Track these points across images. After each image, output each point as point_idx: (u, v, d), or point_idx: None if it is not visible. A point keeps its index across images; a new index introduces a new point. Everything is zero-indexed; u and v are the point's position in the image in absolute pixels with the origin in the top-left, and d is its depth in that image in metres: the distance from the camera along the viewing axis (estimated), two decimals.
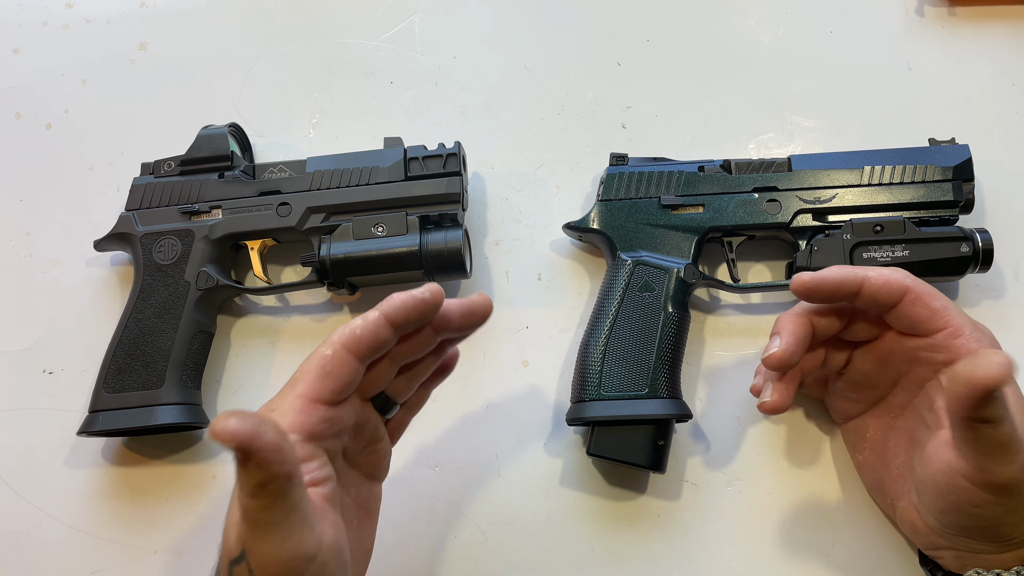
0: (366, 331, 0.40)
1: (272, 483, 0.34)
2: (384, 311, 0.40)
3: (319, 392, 0.39)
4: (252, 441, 0.32)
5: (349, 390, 0.41)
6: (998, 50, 0.65)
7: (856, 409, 0.51)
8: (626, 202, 0.58)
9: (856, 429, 0.52)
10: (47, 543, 0.57)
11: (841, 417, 0.53)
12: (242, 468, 0.33)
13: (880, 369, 0.48)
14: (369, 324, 0.40)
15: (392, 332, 0.41)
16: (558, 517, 0.55)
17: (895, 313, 0.45)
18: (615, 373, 0.53)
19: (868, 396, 0.50)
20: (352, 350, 0.40)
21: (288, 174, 0.60)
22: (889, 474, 0.49)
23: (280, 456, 0.33)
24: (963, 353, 0.44)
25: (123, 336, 0.56)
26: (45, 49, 0.70)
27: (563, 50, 0.68)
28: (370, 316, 0.40)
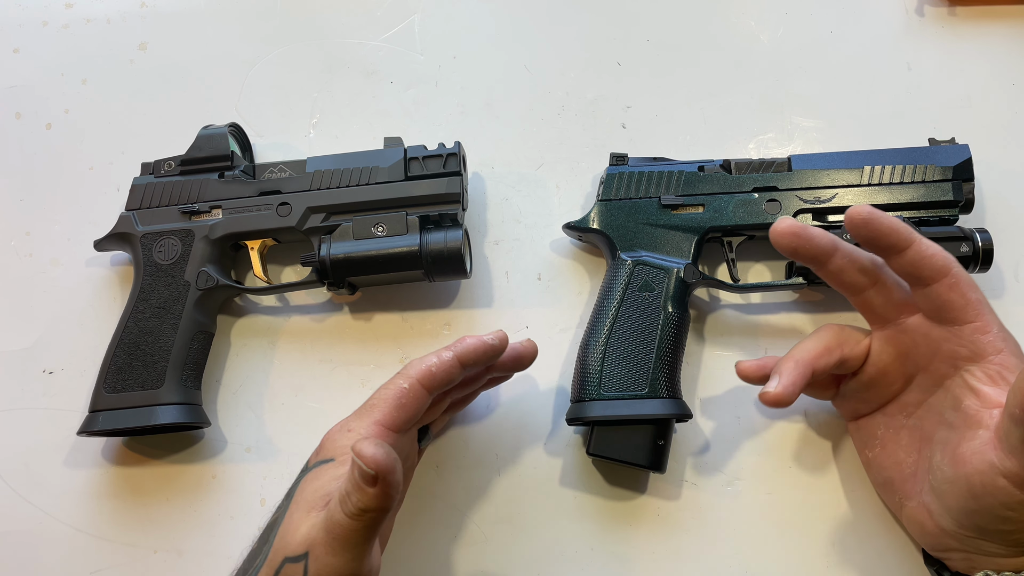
0: (441, 369, 0.44)
1: (377, 513, 0.37)
2: (458, 353, 0.45)
3: (394, 421, 0.43)
4: (389, 475, 0.36)
5: (416, 419, 0.45)
6: (998, 50, 0.65)
7: (867, 408, 0.50)
8: (626, 202, 0.58)
9: (866, 426, 0.51)
10: (47, 543, 0.57)
11: (851, 415, 0.52)
12: (360, 490, 0.36)
13: (898, 363, 0.47)
14: (444, 363, 0.44)
15: (461, 371, 0.45)
16: (558, 517, 0.55)
17: (929, 292, 0.44)
18: (615, 373, 0.53)
19: (881, 394, 0.49)
20: (426, 385, 0.44)
21: (288, 174, 0.60)
22: (899, 473, 0.48)
23: (396, 492, 0.37)
24: (988, 351, 0.43)
25: (123, 336, 0.56)
26: (45, 49, 0.70)
27: (563, 50, 0.68)
28: (445, 356, 0.45)
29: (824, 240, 0.45)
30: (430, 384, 0.44)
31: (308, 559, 0.38)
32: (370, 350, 0.60)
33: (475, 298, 0.61)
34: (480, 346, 0.45)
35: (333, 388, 0.59)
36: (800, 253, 0.45)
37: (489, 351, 0.45)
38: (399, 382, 0.44)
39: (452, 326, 0.60)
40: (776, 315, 0.59)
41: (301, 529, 0.39)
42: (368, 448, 0.36)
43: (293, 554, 0.39)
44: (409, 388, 0.44)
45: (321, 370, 0.60)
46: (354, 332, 0.61)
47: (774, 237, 0.44)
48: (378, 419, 0.43)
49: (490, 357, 0.46)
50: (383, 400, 0.44)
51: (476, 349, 0.45)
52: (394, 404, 0.43)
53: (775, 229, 0.44)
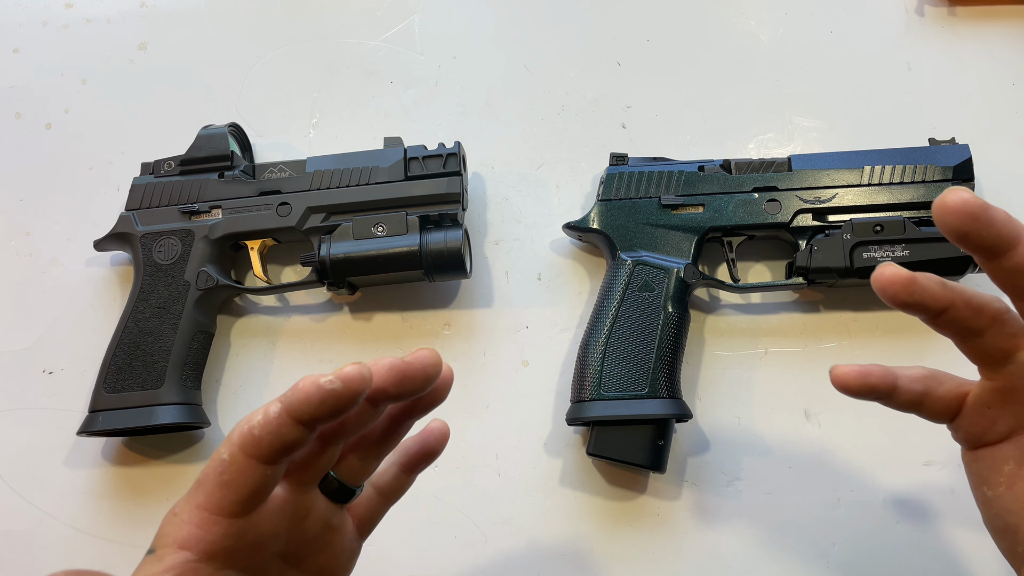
0: (266, 431, 0.32)
1: None
2: (287, 406, 0.31)
3: (218, 504, 0.32)
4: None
5: (260, 498, 0.33)
6: (998, 50, 0.65)
7: (995, 434, 0.38)
8: (626, 202, 0.58)
9: (991, 459, 0.39)
10: (47, 543, 0.57)
11: (972, 441, 0.39)
12: None
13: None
14: (270, 423, 0.31)
15: (301, 431, 0.32)
16: (558, 517, 0.55)
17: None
18: (615, 373, 0.53)
19: (1016, 418, 0.37)
20: (252, 455, 0.32)
21: (288, 174, 0.60)
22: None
23: None
24: None
25: (123, 336, 0.56)
26: (45, 49, 0.70)
27: (563, 50, 0.68)
28: (271, 412, 0.32)
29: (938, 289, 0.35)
30: (257, 452, 0.32)
31: None
32: (370, 350, 0.60)
33: (475, 298, 0.61)
34: (315, 394, 0.31)
35: None
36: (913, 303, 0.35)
37: (328, 398, 0.31)
38: (220, 452, 0.33)
39: (452, 326, 0.60)
40: (776, 315, 0.59)
41: None
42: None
43: None
44: (230, 460, 0.32)
45: (321, 370, 0.60)
46: (354, 332, 0.61)
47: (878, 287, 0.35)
48: (200, 502, 0.33)
49: (333, 407, 0.31)
50: (207, 477, 0.33)
51: (309, 398, 0.31)
52: (216, 482, 0.32)
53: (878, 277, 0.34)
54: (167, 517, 0.33)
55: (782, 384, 0.57)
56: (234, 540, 0.33)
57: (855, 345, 0.58)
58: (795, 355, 0.58)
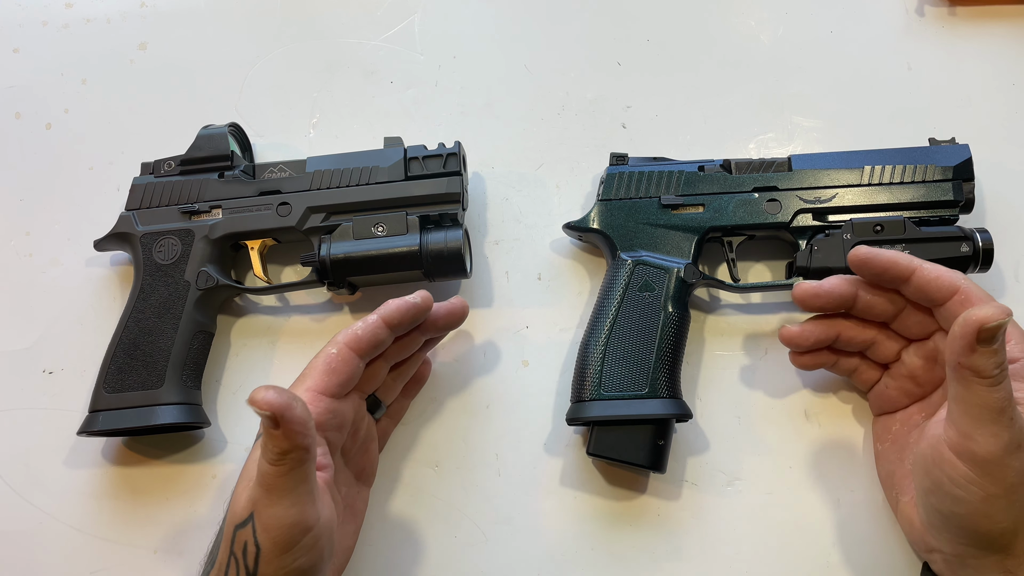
0: (367, 331, 0.46)
1: (293, 452, 0.38)
2: (382, 315, 0.47)
3: (326, 385, 0.45)
4: (285, 412, 0.37)
5: (351, 384, 0.46)
6: (998, 50, 0.65)
7: (894, 404, 0.52)
8: (626, 202, 0.58)
9: (886, 422, 0.52)
10: (47, 543, 0.57)
11: (878, 409, 0.53)
12: (269, 435, 0.38)
13: (927, 369, 0.49)
14: (370, 326, 0.46)
15: (389, 333, 0.47)
16: (558, 517, 0.55)
17: (943, 311, 0.46)
18: (615, 373, 0.53)
19: (910, 394, 0.50)
20: (355, 349, 0.46)
21: (288, 174, 0.60)
22: (902, 468, 0.49)
23: (304, 429, 0.38)
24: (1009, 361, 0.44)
25: (123, 336, 0.56)
26: (45, 49, 0.70)
27: (563, 50, 0.68)
28: (370, 319, 0.47)
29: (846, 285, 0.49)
30: (358, 347, 0.46)
31: (253, 520, 0.40)
32: None
33: (475, 298, 0.61)
34: (403, 306, 0.47)
35: None
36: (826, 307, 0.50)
37: (413, 310, 0.47)
38: (328, 349, 0.46)
39: None
40: (776, 315, 0.59)
41: (243, 497, 0.41)
42: (259, 394, 0.37)
43: (240, 520, 0.40)
44: (338, 353, 0.46)
45: None
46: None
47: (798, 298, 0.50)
48: (310, 386, 0.45)
49: (415, 317, 0.48)
50: (314, 368, 0.46)
51: (399, 309, 0.47)
52: (324, 369, 0.45)
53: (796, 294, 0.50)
54: (294, 393, 0.41)
55: (782, 384, 0.57)
56: (330, 416, 0.45)
57: None
58: None
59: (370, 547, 0.55)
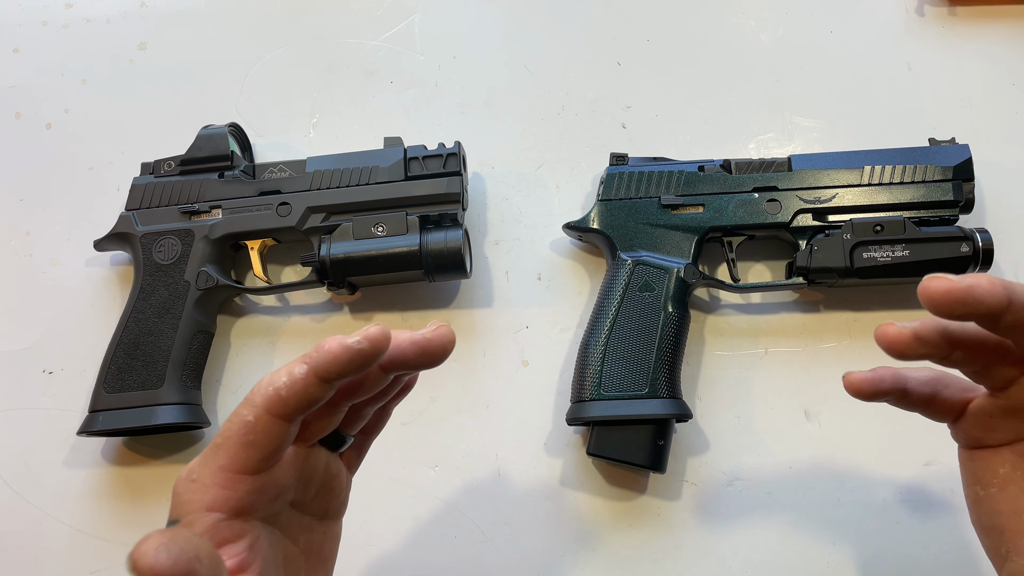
0: (293, 391, 0.33)
1: None
2: (313, 366, 0.33)
3: (243, 463, 0.34)
4: None
5: (279, 454, 0.35)
6: (998, 50, 0.65)
7: (996, 438, 0.40)
8: (626, 202, 0.58)
9: (988, 460, 0.41)
10: (47, 543, 0.57)
11: (971, 442, 0.41)
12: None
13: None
14: (296, 383, 0.33)
15: (325, 387, 0.34)
16: (558, 517, 0.55)
17: None
18: (615, 373, 0.53)
19: (1019, 427, 0.39)
20: (278, 414, 0.34)
21: (288, 174, 0.60)
22: (1016, 523, 0.39)
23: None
24: None
25: (123, 336, 0.56)
26: (45, 49, 0.70)
27: (563, 50, 0.68)
28: (296, 372, 0.33)
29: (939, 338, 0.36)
30: (283, 411, 0.33)
31: None
32: None
33: (475, 298, 0.61)
34: (343, 353, 0.33)
35: None
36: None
37: (356, 358, 0.33)
38: (243, 414, 0.34)
39: (452, 326, 0.60)
40: (776, 315, 0.59)
41: None
42: (142, 556, 0.28)
43: None
44: (255, 420, 0.34)
45: None
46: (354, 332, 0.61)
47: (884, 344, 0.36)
48: (223, 464, 0.34)
49: (359, 365, 0.34)
50: (227, 439, 0.34)
51: (337, 357, 0.33)
52: (239, 442, 0.34)
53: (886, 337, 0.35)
54: (183, 485, 0.34)
55: (782, 384, 0.57)
56: (257, 495, 0.35)
57: (855, 345, 0.58)
58: (795, 355, 0.58)
59: (370, 547, 0.55)
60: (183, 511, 0.34)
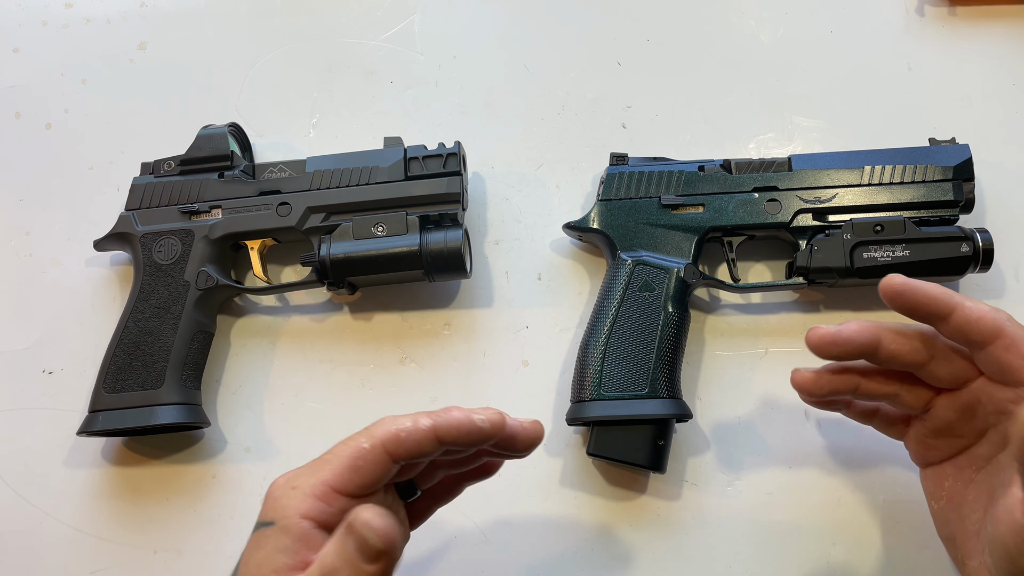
0: (411, 439, 0.37)
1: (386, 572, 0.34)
2: (437, 426, 0.37)
3: (345, 484, 0.37)
4: (393, 551, 0.33)
5: (377, 487, 0.38)
6: (998, 50, 0.65)
7: (936, 456, 0.46)
8: (626, 202, 0.58)
9: (935, 476, 0.46)
10: (47, 543, 0.57)
11: (921, 461, 0.47)
12: (354, 567, 0.33)
13: (965, 419, 0.43)
14: (416, 434, 0.37)
15: (437, 446, 0.38)
16: (558, 517, 0.55)
17: (985, 355, 0.41)
18: (615, 373, 0.53)
19: (951, 445, 0.45)
20: (390, 451, 0.37)
21: (288, 174, 0.60)
22: (963, 529, 0.43)
23: (393, 571, 0.34)
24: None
25: (123, 336, 0.56)
26: (45, 49, 0.70)
27: (563, 50, 0.68)
28: (422, 424, 0.37)
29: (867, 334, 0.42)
30: (395, 451, 0.37)
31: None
32: (370, 350, 0.60)
33: (475, 298, 0.61)
34: (466, 425, 0.37)
35: (333, 388, 0.59)
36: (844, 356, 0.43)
37: (475, 434, 0.37)
38: (360, 440, 0.38)
39: (452, 326, 0.60)
40: (776, 315, 0.59)
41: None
42: (377, 519, 0.32)
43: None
44: (370, 449, 0.37)
45: (321, 370, 0.60)
46: (354, 332, 0.61)
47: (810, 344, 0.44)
48: (327, 479, 0.37)
49: (475, 441, 0.38)
50: (337, 457, 0.37)
51: (460, 427, 0.37)
52: (348, 465, 0.37)
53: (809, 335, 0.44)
54: (282, 490, 0.37)
55: (782, 384, 0.57)
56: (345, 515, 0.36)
57: None
58: (795, 355, 0.58)
59: None
60: (280, 515, 0.36)
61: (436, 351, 0.60)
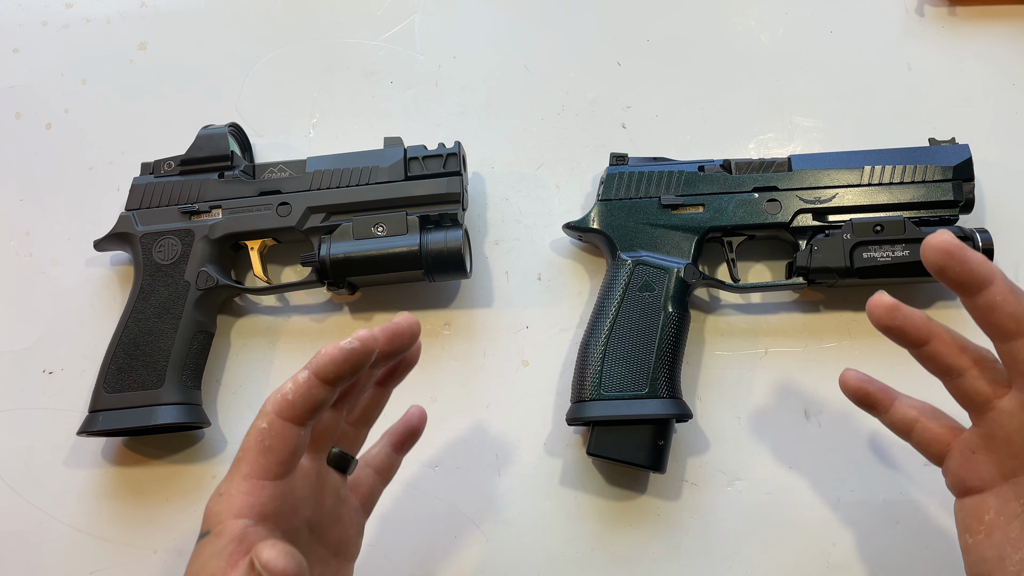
0: (298, 395, 0.37)
1: None
2: (314, 369, 0.37)
3: (263, 469, 0.37)
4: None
5: (296, 459, 0.38)
6: (998, 50, 0.65)
7: (978, 480, 0.40)
8: (626, 202, 0.58)
9: (974, 508, 0.41)
10: (47, 543, 0.57)
11: (960, 487, 0.41)
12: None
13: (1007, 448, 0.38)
14: (300, 387, 0.37)
15: (328, 390, 0.37)
16: (558, 517, 0.55)
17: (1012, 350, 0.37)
18: (615, 373, 0.53)
19: (999, 466, 0.39)
20: (288, 417, 0.37)
21: (288, 174, 0.60)
22: (1002, 570, 0.39)
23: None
24: None
25: (123, 336, 0.56)
26: (45, 49, 0.70)
27: (563, 50, 0.68)
28: (300, 377, 0.37)
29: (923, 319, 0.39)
30: (292, 415, 0.37)
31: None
32: None
33: (475, 298, 0.61)
34: (338, 354, 0.37)
35: None
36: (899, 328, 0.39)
37: (350, 357, 0.37)
38: (258, 423, 0.37)
39: (452, 326, 0.60)
40: (776, 315, 0.59)
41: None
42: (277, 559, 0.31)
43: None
44: (269, 427, 0.37)
45: None
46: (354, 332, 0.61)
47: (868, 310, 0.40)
48: (247, 472, 0.37)
49: (355, 364, 0.37)
50: (247, 449, 0.37)
51: (334, 359, 0.37)
52: (258, 449, 0.37)
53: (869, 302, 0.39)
54: (213, 500, 0.37)
55: (782, 384, 0.57)
56: (279, 501, 0.37)
57: (855, 345, 0.58)
58: (795, 355, 0.58)
59: (370, 547, 0.55)
60: (213, 521, 0.37)
61: (436, 351, 0.60)
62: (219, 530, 0.36)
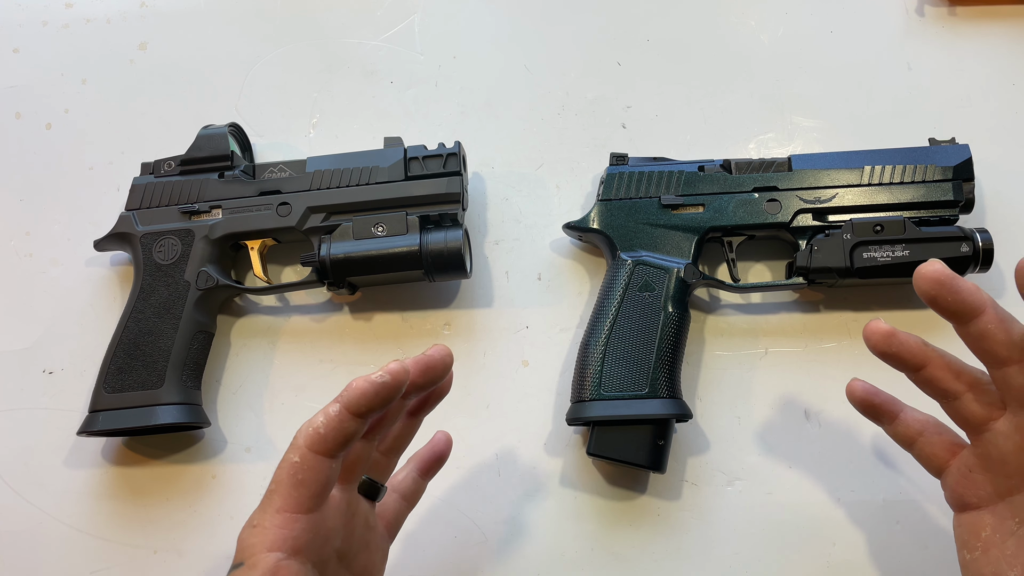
0: (330, 428, 0.37)
1: None
2: (345, 403, 0.38)
3: (296, 503, 0.38)
4: None
5: (327, 491, 0.39)
6: (998, 50, 0.65)
7: (976, 497, 0.41)
8: (626, 202, 0.58)
9: (971, 524, 0.42)
10: (47, 543, 0.57)
11: (957, 503, 0.42)
12: None
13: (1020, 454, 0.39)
14: (332, 420, 0.38)
15: (358, 422, 0.38)
16: (558, 517, 0.55)
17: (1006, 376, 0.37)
18: (615, 373, 0.53)
19: (996, 485, 0.40)
20: (320, 451, 0.38)
21: (288, 174, 0.60)
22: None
23: None
24: None
25: (123, 336, 0.56)
26: (45, 49, 0.70)
27: (563, 50, 0.68)
28: (331, 411, 0.38)
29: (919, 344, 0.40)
30: (323, 448, 0.37)
31: None
32: (370, 350, 0.60)
33: (475, 298, 0.61)
34: (369, 388, 0.37)
35: (333, 388, 0.59)
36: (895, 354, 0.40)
37: (381, 391, 0.37)
38: (290, 457, 0.38)
39: (452, 326, 0.60)
40: (776, 315, 0.59)
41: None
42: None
43: None
44: (301, 460, 0.38)
45: (321, 370, 0.60)
46: (354, 332, 0.61)
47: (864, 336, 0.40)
48: (280, 506, 0.38)
49: (385, 398, 0.38)
50: (279, 483, 0.38)
51: (365, 392, 0.37)
52: (290, 483, 0.38)
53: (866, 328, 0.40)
54: (246, 531, 0.38)
55: (782, 384, 0.57)
56: (312, 534, 0.38)
57: (855, 345, 0.58)
58: (795, 355, 0.58)
59: None
60: (247, 554, 0.37)
61: None
62: (252, 562, 0.37)
